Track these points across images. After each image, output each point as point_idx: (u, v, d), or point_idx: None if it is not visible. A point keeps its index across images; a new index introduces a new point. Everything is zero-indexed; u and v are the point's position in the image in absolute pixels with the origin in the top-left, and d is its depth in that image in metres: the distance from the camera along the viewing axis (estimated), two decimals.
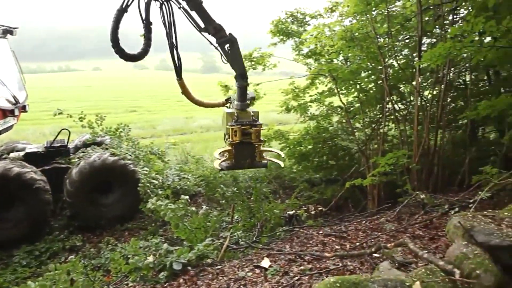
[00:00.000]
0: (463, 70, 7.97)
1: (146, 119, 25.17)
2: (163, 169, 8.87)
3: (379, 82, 8.27)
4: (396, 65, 7.92)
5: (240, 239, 5.44)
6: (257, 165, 4.45)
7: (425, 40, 7.96)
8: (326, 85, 9.80)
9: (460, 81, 8.35)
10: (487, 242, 2.31)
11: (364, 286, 1.86)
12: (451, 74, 7.52)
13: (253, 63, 9.29)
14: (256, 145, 4.34)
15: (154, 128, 21.68)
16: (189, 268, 4.10)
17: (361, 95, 8.88)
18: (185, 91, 5.34)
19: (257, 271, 3.88)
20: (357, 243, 4.35)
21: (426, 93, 8.16)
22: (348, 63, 8.91)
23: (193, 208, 5.57)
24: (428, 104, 7.43)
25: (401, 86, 8.63)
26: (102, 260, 5.99)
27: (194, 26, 5.05)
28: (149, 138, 17.08)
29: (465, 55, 5.83)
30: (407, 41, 8.43)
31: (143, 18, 4.47)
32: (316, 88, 9.96)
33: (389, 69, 7.98)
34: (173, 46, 4.84)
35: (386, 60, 7.73)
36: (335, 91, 9.02)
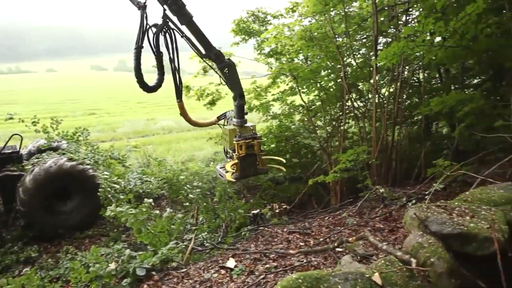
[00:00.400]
0: (417, 68, 8.32)
1: (105, 122, 24.31)
2: (125, 173, 8.60)
3: (338, 81, 8.48)
4: (354, 64, 8.14)
5: (205, 241, 5.39)
6: (260, 172, 4.85)
7: (381, 40, 8.24)
8: (287, 84, 9.92)
9: (415, 78, 8.72)
10: (440, 231, 2.43)
11: (325, 280, 1.90)
12: (406, 73, 7.84)
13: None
14: (258, 155, 4.83)
15: (114, 131, 20.94)
16: (154, 273, 4.03)
17: (321, 93, 9.06)
18: (183, 113, 5.57)
19: (223, 272, 3.88)
20: (321, 239, 4.44)
21: (383, 90, 8.45)
22: (308, 62, 9.06)
23: (157, 212, 5.48)
24: (385, 101, 7.70)
25: (360, 84, 8.89)
26: (61, 271, 5.67)
27: (197, 53, 5.54)
28: (109, 141, 16.59)
29: (418, 54, 6.09)
30: (364, 40, 8.69)
31: (154, 51, 4.76)
32: (278, 87, 10.06)
33: (347, 68, 8.20)
34: (175, 70, 5.09)
35: (345, 59, 7.93)
36: (296, 90, 9.16)
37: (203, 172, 9.63)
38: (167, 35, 4.89)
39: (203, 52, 5.26)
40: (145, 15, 4.51)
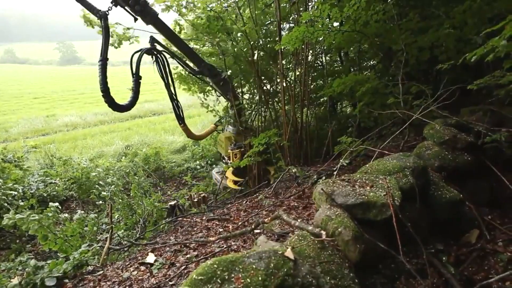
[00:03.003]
0: (320, 52, 8.75)
1: None
2: (24, 176, 7.74)
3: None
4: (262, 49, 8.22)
5: (122, 239, 5.14)
6: None
7: (286, 25, 8.49)
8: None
9: (319, 62, 9.16)
10: (345, 202, 2.61)
11: (240, 262, 1.92)
12: (310, 57, 8.18)
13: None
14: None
15: (6, 131, 18.59)
16: (66, 280, 3.75)
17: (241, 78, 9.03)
18: (189, 134, 5.88)
19: (143, 268, 3.77)
20: (240, 223, 4.51)
21: (290, 74, 8.73)
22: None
23: (66, 215, 5.07)
24: (292, 85, 7.98)
25: (270, 68, 9.05)
26: None
27: (190, 72, 5.73)
28: (1, 143, 14.78)
29: (320, 38, 6.38)
30: (270, 26, 8.84)
31: (133, 72, 4.65)
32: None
33: (261, 53, 8.25)
34: (172, 95, 5.20)
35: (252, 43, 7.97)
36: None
37: (115, 167, 9.09)
38: (158, 60, 4.97)
39: (196, 69, 5.34)
40: (107, 26, 4.20)
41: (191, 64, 5.98)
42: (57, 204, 4.96)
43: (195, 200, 6.27)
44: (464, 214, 3.21)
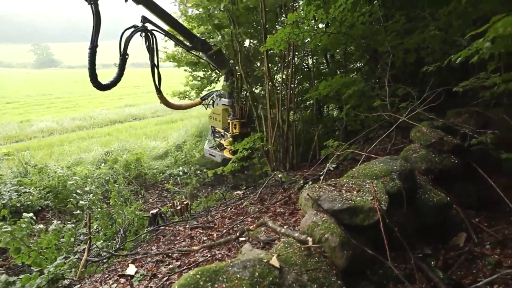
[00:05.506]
0: (306, 54, 8.70)
1: None
2: None
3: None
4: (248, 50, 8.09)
5: (101, 250, 4.93)
6: None
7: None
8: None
9: (305, 64, 9.11)
10: (332, 208, 2.53)
11: (224, 272, 1.84)
12: (296, 59, 8.11)
13: None
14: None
15: None
16: None
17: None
18: (164, 101, 6.06)
19: (123, 280, 3.61)
20: (224, 231, 4.38)
21: (277, 77, 8.64)
22: None
23: (41, 226, 4.85)
24: (278, 88, 7.88)
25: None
26: None
27: (184, 48, 5.98)
28: None
29: (307, 40, 6.31)
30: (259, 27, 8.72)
31: (122, 52, 4.85)
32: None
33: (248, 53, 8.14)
34: (154, 67, 5.39)
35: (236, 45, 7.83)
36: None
37: (94, 175, 8.79)
38: (149, 37, 5.12)
39: (189, 45, 5.41)
40: (98, 11, 4.24)
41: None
42: (31, 214, 4.68)
43: (178, 208, 6.07)
44: (452, 217, 3.17)
